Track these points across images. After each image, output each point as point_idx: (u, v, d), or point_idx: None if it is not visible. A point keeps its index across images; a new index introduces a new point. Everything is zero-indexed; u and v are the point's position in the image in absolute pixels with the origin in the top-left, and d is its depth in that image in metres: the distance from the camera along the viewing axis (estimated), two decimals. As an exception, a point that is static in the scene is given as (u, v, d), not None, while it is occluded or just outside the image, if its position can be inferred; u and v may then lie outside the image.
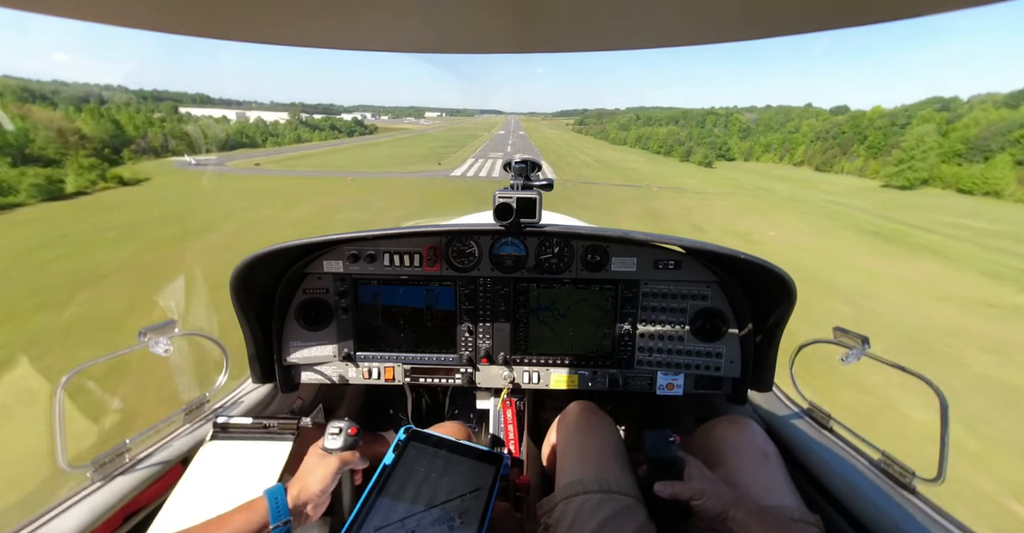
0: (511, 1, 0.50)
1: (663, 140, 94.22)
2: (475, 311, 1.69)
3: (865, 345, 1.25)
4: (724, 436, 1.39)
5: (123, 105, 73.14)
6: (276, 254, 1.48)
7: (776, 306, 1.43)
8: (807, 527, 1.09)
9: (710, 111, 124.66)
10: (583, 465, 1.30)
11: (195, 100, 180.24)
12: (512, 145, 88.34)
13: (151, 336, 1.31)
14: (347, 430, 1.11)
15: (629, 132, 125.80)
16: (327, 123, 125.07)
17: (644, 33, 0.61)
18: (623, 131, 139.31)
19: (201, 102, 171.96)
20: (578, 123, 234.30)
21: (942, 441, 1.06)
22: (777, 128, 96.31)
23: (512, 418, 1.85)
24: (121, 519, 1.15)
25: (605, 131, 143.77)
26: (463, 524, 0.91)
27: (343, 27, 0.59)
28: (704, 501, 1.02)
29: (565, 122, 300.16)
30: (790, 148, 78.27)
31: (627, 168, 56.80)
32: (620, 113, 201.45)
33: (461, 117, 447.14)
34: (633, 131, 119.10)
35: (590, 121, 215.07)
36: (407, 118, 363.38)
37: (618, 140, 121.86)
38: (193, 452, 1.31)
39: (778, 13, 0.53)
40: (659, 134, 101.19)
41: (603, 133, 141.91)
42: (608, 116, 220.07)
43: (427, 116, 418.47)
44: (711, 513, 1.01)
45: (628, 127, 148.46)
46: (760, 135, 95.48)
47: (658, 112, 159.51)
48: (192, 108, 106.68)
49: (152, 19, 0.56)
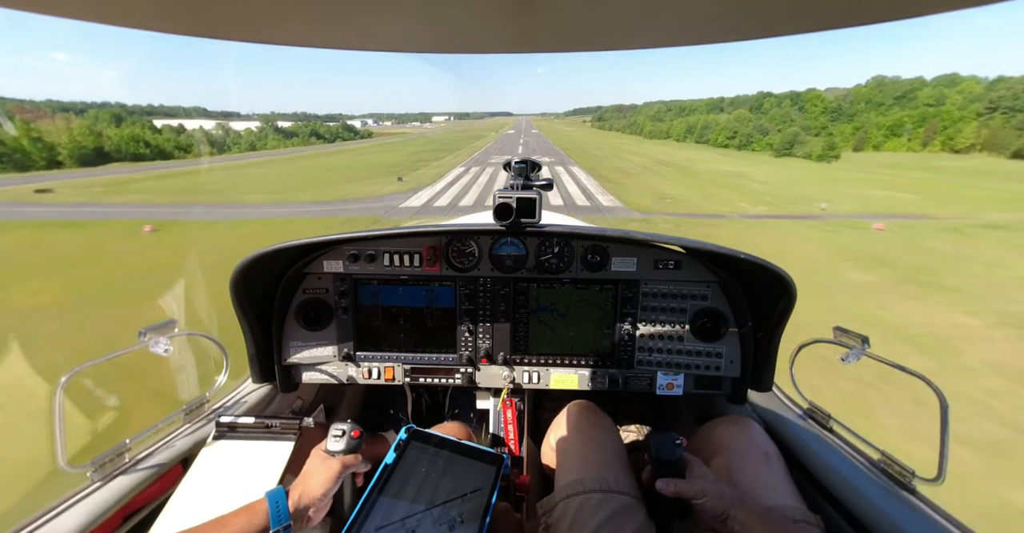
0: (512, 1, 0.50)
1: (727, 129, 69.32)
2: (475, 311, 1.68)
3: (865, 345, 1.25)
4: (725, 436, 1.38)
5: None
6: (276, 254, 1.48)
7: (776, 306, 1.43)
8: (808, 527, 1.09)
9: (767, 95, 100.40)
10: (583, 465, 1.30)
11: (188, 113, 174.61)
12: (524, 146, 65.71)
13: (151, 336, 1.31)
14: (350, 433, 1.10)
15: (668, 123, 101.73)
16: (307, 129, 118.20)
17: (644, 33, 0.61)
18: (657, 122, 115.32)
19: (197, 114, 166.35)
20: (597, 119, 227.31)
21: (942, 441, 1.05)
22: (889, 105, 69.75)
23: (512, 418, 1.83)
24: (121, 519, 1.15)
25: (636, 124, 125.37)
26: (463, 524, 0.90)
27: (343, 27, 0.58)
28: (706, 500, 1.01)
29: (582, 119, 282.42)
30: (941, 128, 52.63)
31: (714, 173, 38.32)
32: (646, 106, 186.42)
33: (470, 120, 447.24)
34: (679, 121, 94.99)
35: (609, 116, 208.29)
36: (413, 122, 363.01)
37: (657, 133, 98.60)
38: (193, 452, 1.31)
39: (778, 12, 0.53)
40: (720, 122, 76.53)
41: (635, 126, 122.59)
42: (628, 110, 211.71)
43: (434, 120, 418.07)
44: (712, 512, 1.01)
45: (661, 118, 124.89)
46: (862, 116, 68.99)
47: (691, 103, 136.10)
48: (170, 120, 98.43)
49: (151, 19, 0.56)
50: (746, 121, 72.10)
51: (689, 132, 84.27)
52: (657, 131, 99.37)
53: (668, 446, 1.09)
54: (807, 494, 1.23)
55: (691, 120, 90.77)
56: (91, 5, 0.49)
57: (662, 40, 0.62)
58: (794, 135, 54.17)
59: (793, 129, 55.83)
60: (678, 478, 1.06)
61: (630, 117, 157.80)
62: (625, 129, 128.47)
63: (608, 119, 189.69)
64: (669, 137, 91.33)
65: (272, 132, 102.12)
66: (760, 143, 61.09)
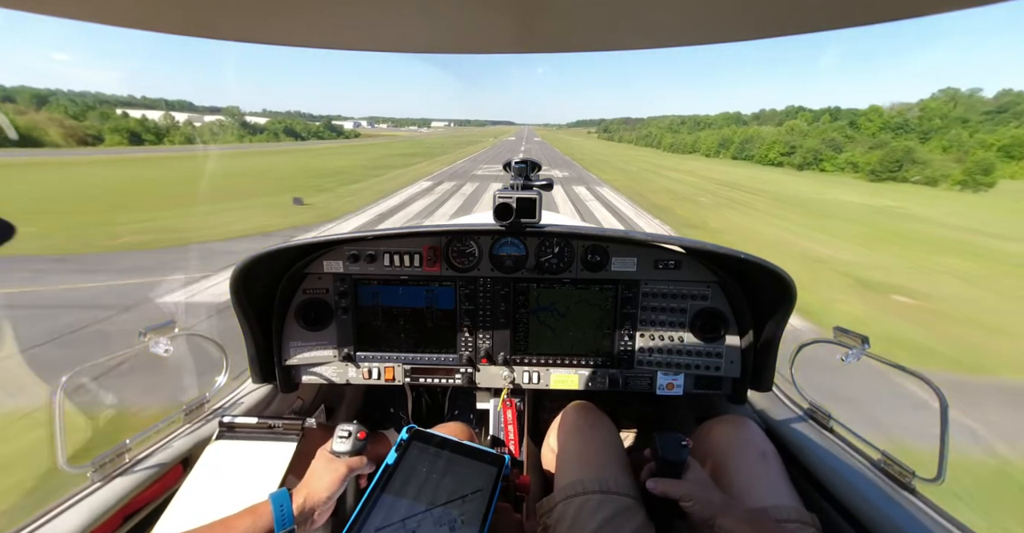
0: (513, 0, 0.50)
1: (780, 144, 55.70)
2: (475, 311, 1.68)
3: (865, 345, 1.25)
4: (721, 436, 1.38)
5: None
6: (276, 254, 1.48)
7: (776, 306, 1.42)
8: (803, 527, 1.09)
9: (799, 109, 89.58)
10: (583, 465, 1.30)
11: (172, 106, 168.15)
12: (527, 153, 51.02)
13: (151, 336, 1.30)
14: (356, 434, 1.10)
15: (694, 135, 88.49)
16: (279, 126, 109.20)
17: (645, 33, 0.61)
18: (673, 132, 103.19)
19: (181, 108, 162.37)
20: (603, 130, 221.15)
21: (942, 441, 1.05)
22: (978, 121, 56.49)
23: (512, 418, 1.82)
24: (121, 519, 1.15)
25: (652, 135, 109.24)
26: (464, 524, 0.90)
27: (343, 27, 0.58)
28: (692, 505, 1.02)
29: (587, 131, 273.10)
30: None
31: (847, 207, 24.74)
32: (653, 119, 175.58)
33: (471, 126, 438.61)
34: (707, 133, 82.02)
35: (615, 128, 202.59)
36: (410, 126, 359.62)
37: (681, 146, 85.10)
38: (193, 452, 1.31)
39: (778, 13, 0.53)
40: (765, 135, 63.00)
41: (649, 138, 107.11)
42: (634, 123, 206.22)
43: (433, 125, 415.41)
44: (698, 518, 1.02)
45: (676, 129, 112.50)
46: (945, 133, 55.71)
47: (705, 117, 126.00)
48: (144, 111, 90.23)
49: (151, 19, 0.56)
50: (802, 133, 58.63)
51: (723, 146, 70.95)
52: (680, 144, 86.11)
53: (674, 447, 1.09)
54: (807, 494, 1.24)
55: (725, 133, 77.30)
56: (91, 5, 0.49)
57: (663, 40, 0.62)
58: (906, 152, 39.33)
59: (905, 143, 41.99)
60: (673, 479, 1.07)
61: (639, 129, 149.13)
62: (638, 141, 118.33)
63: (615, 130, 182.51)
64: (695, 151, 78.14)
65: (237, 126, 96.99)
66: (834, 161, 47.46)
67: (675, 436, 1.12)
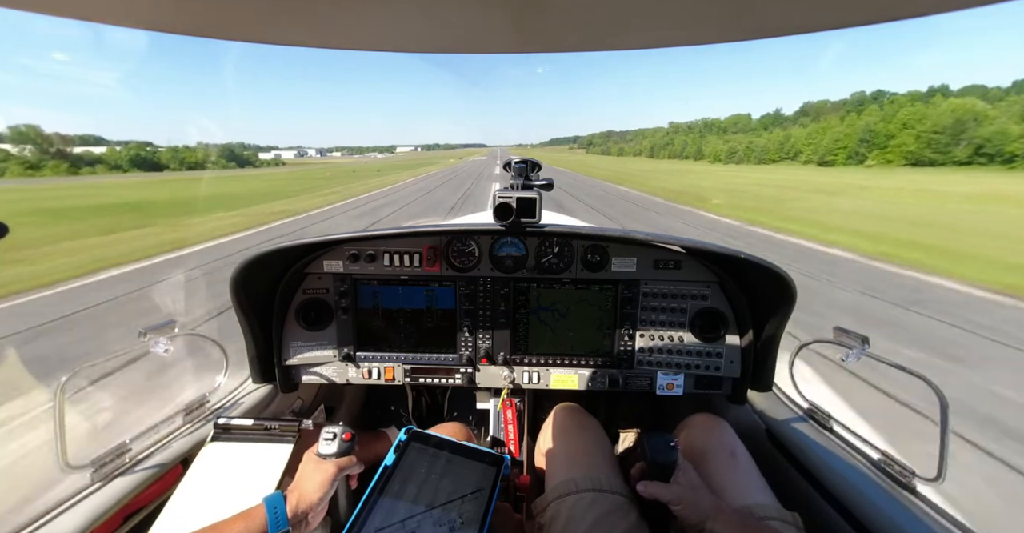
0: (510, 0, 0.50)
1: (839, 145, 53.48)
2: (475, 311, 1.69)
3: (865, 345, 1.25)
4: (691, 437, 1.40)
5: None
6: (276, 254, 1.49)
7: (776, 306, 1.43)
8: (784, 526, 1.09)
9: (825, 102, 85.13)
10: (573, 465, 1.31)
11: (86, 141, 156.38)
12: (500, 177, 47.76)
13: (151, 336, 1.31)
14: (341, 436, 1.11)
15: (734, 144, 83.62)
16: (150, 154, 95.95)
17: (644, 33, 0.61)
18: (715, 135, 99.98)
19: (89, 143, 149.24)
20: (586, 144, 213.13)
21: (942, 441, 1.06)
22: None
23: (512, 418, 1.83)
24: (121, 519, 1.15)
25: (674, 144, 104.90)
26: (463, 525, 0.91)
27: (342, 27, 0.59)
28: (681, 509, 1.02)
29: (568, 147, 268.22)
30: None
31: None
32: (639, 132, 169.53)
33: (440, 150, 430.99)
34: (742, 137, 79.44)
35: (600, 141, 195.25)
36: (372, 153, 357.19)
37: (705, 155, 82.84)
38: (193, 453, 1.31)
39: (778, 13, 0.53)
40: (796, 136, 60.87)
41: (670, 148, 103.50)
42: (618, 137, 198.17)
43: (398, 151, 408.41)
44: (687, 522, 1.02)
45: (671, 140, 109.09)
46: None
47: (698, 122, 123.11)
48: None
49: (151, 19, 0.56)
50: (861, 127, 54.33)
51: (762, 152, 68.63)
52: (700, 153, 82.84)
53: (662, 448, 1.09)
54: (807, 494, 1.24)
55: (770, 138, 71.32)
56: (92, 5, 0.49)
57: (662, 40, 0.62)
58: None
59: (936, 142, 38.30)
60: (666, 481, 1.06)
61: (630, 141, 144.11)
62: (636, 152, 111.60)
63: (597, 144, 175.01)
64: (718, 160, 76.11)
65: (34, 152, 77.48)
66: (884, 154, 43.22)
67: (664, 437, 1.11)
